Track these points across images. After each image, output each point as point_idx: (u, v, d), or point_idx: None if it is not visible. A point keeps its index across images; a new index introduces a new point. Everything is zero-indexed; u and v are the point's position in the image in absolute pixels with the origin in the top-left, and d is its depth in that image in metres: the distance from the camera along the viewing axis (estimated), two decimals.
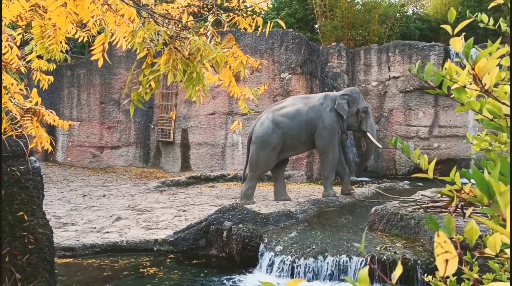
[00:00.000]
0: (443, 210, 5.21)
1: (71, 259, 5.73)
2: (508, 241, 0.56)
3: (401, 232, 5.56)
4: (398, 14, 18.83)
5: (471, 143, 1.67)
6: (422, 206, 5.75)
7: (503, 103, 0.81)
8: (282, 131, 8.56)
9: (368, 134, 9.24)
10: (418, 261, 4.73)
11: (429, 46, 14.06)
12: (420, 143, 13.99)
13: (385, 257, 4.87)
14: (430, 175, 1.14)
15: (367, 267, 0.53)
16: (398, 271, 0.51)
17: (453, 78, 0.85)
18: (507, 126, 0.95)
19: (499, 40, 0.86)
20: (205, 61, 1.82)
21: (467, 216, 1.18)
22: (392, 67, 14.43)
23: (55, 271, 3.28)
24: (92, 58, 2.08)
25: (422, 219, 5.30)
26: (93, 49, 2.10)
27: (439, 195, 6.41)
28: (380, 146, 9.86)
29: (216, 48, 1.87)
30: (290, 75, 12.48)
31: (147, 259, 5.94)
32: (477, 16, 1.31)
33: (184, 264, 5.87)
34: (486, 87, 0.81)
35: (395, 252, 4.96)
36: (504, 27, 1.22)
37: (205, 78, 1.91)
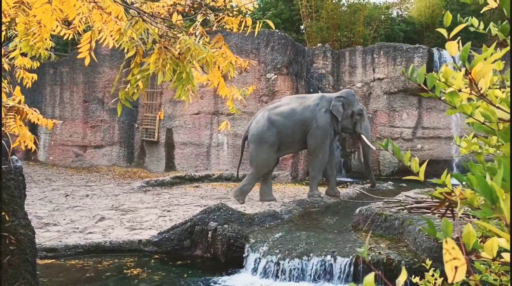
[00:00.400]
0: (434, 211, 5.27)
1: (53, 260, 5.63)
2: (507, 245, 0.56)
3: (385, 232, 5.61)
4: (383, 16, 19.04)
5: (458, 145, 1.69)
6: (406, 206, 5.81)
7: (498, 107, 0.81)
8: (277, 129, 8.63)
9: (363, 136, 9.30)
10: (402, 262, 4.77)
11: (413, 48, 14.24)
12: (403, 144, 14.15)
13: (369, 258, 4.90)
14: (421, 177, 1.14)
15: (373, 273, 0.52)
16: (402, 277, 0.50)
17: (449, 82, 0.85)
18: (498, 130, 0.95)
19: (494, 45, 0.87)
20: (195, 61, 1.80)
21: (457, 218, 1.19)
22: (376, 68, 14.57)
23: (37, 272, 3.21)
24: (79, 56, 2.05)
25: (406, 219, 5.35)
26: (79, 47, 2.06)
27: (422, 196, 6.48)
28: (374, 148, 9.90)
29: (205, 48, 1.86)
30: (275, 76, 12.49)
31: (131, 259, 5.87)
32: (467, 20, 1.33)
33: (168, 265, 5.82)
34: (481, 91, 0.81)
35: (379, 253, 5.00)
36: (495, 31, 1.24)
37: (195, 78, 1.90)
